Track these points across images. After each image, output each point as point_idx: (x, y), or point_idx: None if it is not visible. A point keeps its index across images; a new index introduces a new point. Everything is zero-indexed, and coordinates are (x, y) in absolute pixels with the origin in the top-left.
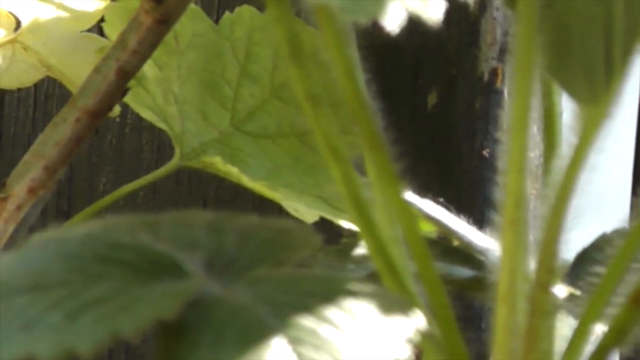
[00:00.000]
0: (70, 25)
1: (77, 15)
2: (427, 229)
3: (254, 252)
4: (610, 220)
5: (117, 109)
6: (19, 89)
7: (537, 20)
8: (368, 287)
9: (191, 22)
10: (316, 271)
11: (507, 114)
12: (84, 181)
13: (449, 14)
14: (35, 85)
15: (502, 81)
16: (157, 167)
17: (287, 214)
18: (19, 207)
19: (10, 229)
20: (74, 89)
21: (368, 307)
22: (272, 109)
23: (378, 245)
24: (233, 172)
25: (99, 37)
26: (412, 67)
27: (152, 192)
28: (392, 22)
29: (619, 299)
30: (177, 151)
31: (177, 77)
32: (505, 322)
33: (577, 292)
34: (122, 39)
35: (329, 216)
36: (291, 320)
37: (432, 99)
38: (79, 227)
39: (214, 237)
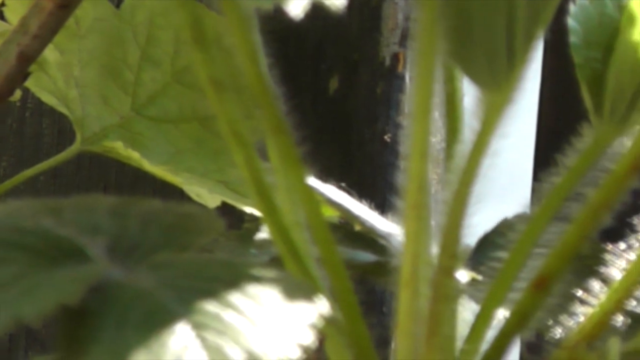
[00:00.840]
0: None
1: None
2: (330, 213)
3: (157, 237)
4: (512, 205)
5: (17, 93)
6: None
7: (439, 5)
8: (271, 272)
9: (92, 7)
10: (219, 256)
11: (409, 99)
12: None
13: None
14: None
15: (404, 66)
16: (58, 151)
17: (188, 199)
18: None
19: None
20: None
21: (271, 292)
22: (174, 93)
23: (281, 230)
24: (134, 156)
25: (0, 21)
26: (314, 52)
27: (53, 176)
28: (296, 7)
29: (521, 284)
30: (78, 136)
31: (78, 62)
32: (407, 306)
33: (479, 277)
34: (24, 23)
35: (231, 201)
36: (195, 305)
37: (333, 83)
38: None
39: (117, 222)
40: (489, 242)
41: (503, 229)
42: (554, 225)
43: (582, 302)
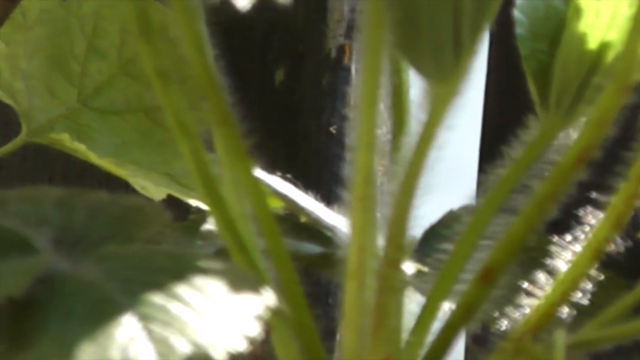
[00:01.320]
0: None
1: None
2: (275, 205)
3: (104, 229)
4: (458, 197)
5: None
6: None
7: None
8: (217, 264)
9: None
10: (166, 248)
11: (355, 91)
12: None
13: None
14: None
15: (350, 58)
16: (4, 143)
17: (134, 191)
18: None
19: None
20: None
21: (218, 284)
22: (120, 85)
23: (227, 222)
24: (80, 148)
25: None
26: (260, 44)
27: None
28: None
29: (467, 275)
30: (24, 127)
31: (24, 53)
32: (354, 298)
33: (425, 269)
34: None
35: (176, 194)
36: (141, 297)
37: (279, 75)
38: None
39: (63, 214)
40: (434, 233)
41: (449, 220)
42: (500, 217)
43: (528, 293)
